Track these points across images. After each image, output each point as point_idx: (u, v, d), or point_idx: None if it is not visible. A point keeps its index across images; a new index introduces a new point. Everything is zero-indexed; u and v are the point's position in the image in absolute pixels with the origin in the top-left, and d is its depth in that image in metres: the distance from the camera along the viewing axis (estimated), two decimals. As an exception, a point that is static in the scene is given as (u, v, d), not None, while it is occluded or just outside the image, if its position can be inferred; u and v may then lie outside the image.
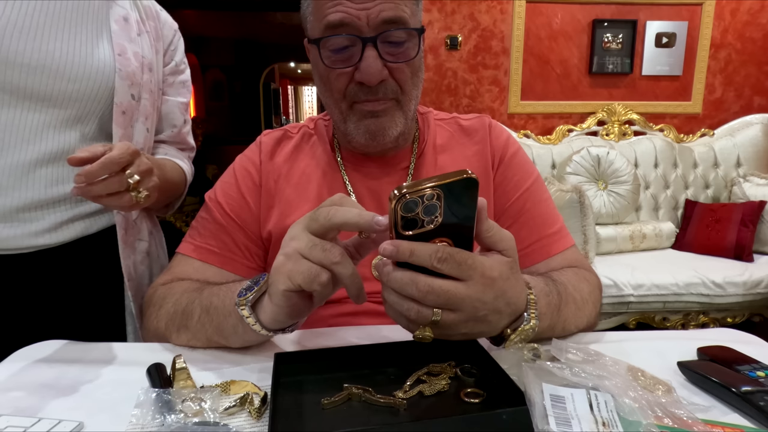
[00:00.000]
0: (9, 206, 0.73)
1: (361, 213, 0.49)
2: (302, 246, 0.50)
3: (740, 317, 2.26)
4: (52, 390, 0.52)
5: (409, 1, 0.69)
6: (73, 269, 0.80)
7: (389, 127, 0.72)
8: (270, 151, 0.82)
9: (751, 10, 2.87)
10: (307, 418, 0.44)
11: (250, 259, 0.78)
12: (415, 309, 0.47)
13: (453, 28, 2.84)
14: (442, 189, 0.44)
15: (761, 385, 0.48)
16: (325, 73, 0.71)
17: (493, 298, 0.49)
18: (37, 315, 0.77)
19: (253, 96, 7.18)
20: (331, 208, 0.50)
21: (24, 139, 0.73)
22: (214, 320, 0.59)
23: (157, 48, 0.87)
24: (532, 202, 0.78)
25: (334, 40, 0.67)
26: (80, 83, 0.74)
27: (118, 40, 0.79)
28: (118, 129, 0.78)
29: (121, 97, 0.78)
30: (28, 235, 0.74)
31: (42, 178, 0.75)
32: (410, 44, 0.69)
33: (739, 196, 2.58)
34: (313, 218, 0.50)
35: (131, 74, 0.79)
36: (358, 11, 0.65)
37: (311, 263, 0.49)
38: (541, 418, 0.42)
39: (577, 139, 2.85)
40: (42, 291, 0.78)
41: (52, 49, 0.72)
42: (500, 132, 0.84)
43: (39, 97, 0.72)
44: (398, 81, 0.70)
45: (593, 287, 0.70)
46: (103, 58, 0.76)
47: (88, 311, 0.81)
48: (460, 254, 0.46)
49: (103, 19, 0.78)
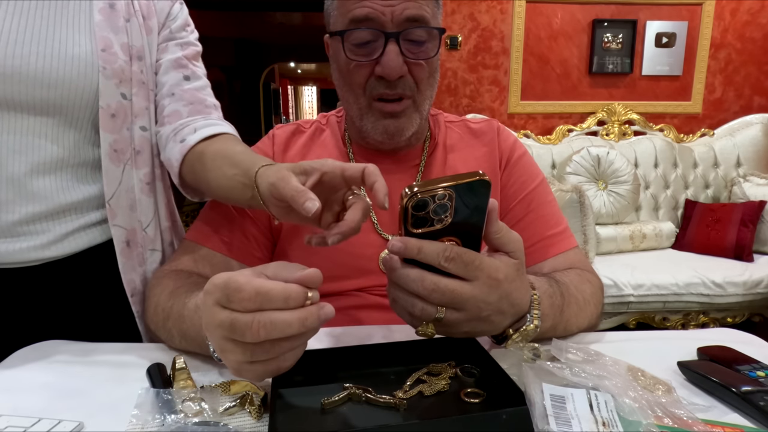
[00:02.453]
0: (11, 220, 0.69)
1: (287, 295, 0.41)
2: (241, 358, 0.43)
3: (740, 317, 2.26)
4: (52, 390, 0.52)
5: (431, 2, 0.72)
6: (82, 280, 0.77)
7: (406, 127, 0.75)
8: (283, 144, 0.83)
9: (751, 10, 2.87)
10: (307, 418, 0.44)
11: (258, 249, 0.78)
12: (419, 306, 0.48)
13: (453, 28, 2.84)
14: (454, 189, 0.44)
15: (761, 385, 0.48)
16: (345, 66, 0.73)
17: (497, 299, 0.49)
18: (47, 326, 0.73)
19: (253, 96, 7.18)
20: (256, 313, 0.40)
21: (15, 150, 0.68)
22: (194, 343, 0.58)
23: (149, 27, 0.78)
24: (537, 202, 0.80)
25: (358, 33, 0.70)
26: (61, 89, 0.69)
27: (102, 33, 0.72)
28: (108, 135, 0.73)
29: (109, 98, 0.72)
30: (34, 248, 0.71)
31: (42, 189, 0.71)
32: (430, 44, 0.72)
33: (739, 196, 2.58)
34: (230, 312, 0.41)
35: (118, 71, 0.72)
36: (383, 7, 0.68)
37: (263, 368, 0.43)
38: (541, 418, 0.42)
39: (577, 139, 2.85)
40: (52, 303, 0.75)
41: (28, 54, 0.66)
42: (508, 135, 0.86)
43: (22, 107, 0.68)
44: (416, 78, 0.72)
45: (595, 288, 0.71)
46: (83, 58, 0.70)
47: (100, 322, 0.78)
48: (467, 254, 0.47)
49: (85, 10, 0.72)
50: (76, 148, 0.73)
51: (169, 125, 0.77)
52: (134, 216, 0.78)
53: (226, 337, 0.42)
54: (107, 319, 0.79)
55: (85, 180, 0.75)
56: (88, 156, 0.75)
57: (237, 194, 0.65)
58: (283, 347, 0.42)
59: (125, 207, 0.76)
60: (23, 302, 0.73)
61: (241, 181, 0.63)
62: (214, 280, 0.43)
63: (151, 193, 0.80)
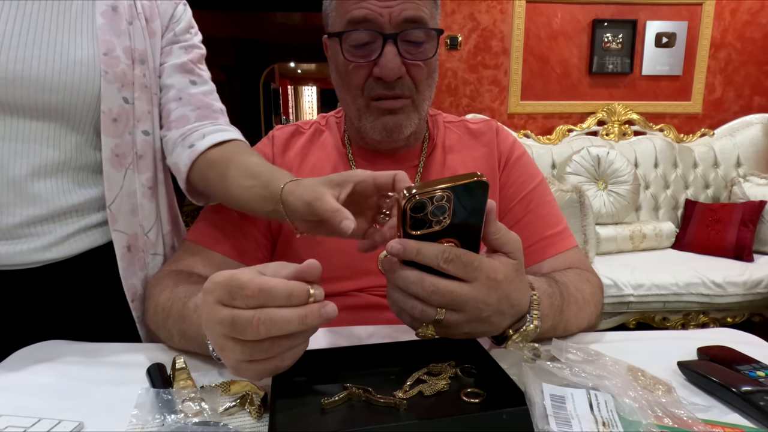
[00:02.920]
0: (12, 223, 0.69)
1: (290, 292, 0.41)
2: (240, 357, 0.43)
3: (740, 317, 2.26)
4: (52, 390, 0.52)
5: (429, 3, 0.72)
6: (83, 282, 0.77)
7: (405, 125, 0.74)
8: (282, 145, 0.83)
9: (751, 10, 2.87)
10: (307, 418, 0.44)
11: (258, 250, 0.78)
12: (419, 308, 0.48)
13: (453, 28, 2.84)
14: (452, 191, 0.44)
15: (761, 385, 0.48)
16: (344, 67, 0.73)
17: (497, 300, 0.49)
18: (48, 328, 0.73)
19: (253, 96, 7.18)
20: (257, 310, 0.41)
21: (17, 153, 0.68)
22: (194, 342, 0.58)
23: (152, 29, 0.78)
24: (536, 202, 0.80)
25: (356, 35, 0.70)
26: (63, 93, 0.69)
27: (105, 36, 0.71)
28: (109, 139, 0.72)
29: (111, 103, 0.72)
30: (35, 250, 0.71)
31: (43, 192, 0.70)
32: (428, 45, 0.72)
33: (739, 196, 2.58)
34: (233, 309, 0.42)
35: (121, 75, 0.72)
36: (381, 9, 0.68)
37: (261, 367, 0.44)
38: (541, 418, 0.42)
39: (577, 139, 2.85)
40: (52, 305, 0.75)
41: (30, 57, 0.66)
42: (507, 136, 0.86)
43: (24, 111, 0.68)
44: (414, 79, 0.72)
45: (595, 288, 0.71)
46: (85, 62, 0.70)
47: (100, 324, 0.78)
48: (466, 255, 0.47)
49: (88, 13, 0.72)
50: (78, 151, 0.73)
51: (177, 130, 0.77)
52: (136, 221, 0.77)
53: (226, 335, 0.42)
54: (107, 321, 0.78)
55: (86, 183, 0.75)
56: (90, 159, 0.74)
57: (255, 205, 0.65)
58: (282, 346, 0.42)
59: (127, 212, 0.76)
60: (23, 304, 0.73)
61: (259, 194, 0.63)
62: (215, 278, 0.43)
63: (153, 197, 0.80)
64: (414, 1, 0.69)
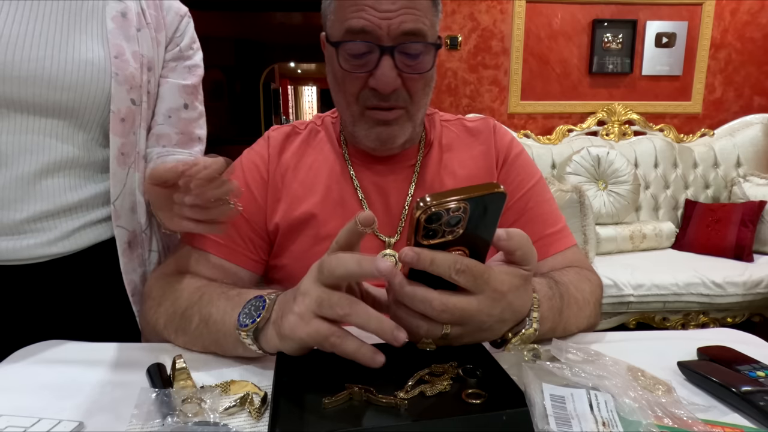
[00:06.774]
0: (19, 218, 0.71)
1: (360, 262, 0.46)
2: (312, 304, 0.48)
3: (740, 317, 2.26)
4: (52, 390, 0.52)
5: (430, 14, 0.70)
6: (86, 277, 0.78)
7: (398, 135, 0.74)
8: (278, 146, 0.82)
9: (751, 10, 2.87)
10: (307, 417, 0.44)
11: (254, 251, 0.78)
12: (425, 327, 0.48)
13: (453, 28, 2.84)
14: (469, 202, 0.43)
15: (761, 385, 0.48)
16: (340, 74, 0.72)
17: (500, 311, 0.49)
18: (50, 324, 0.74)
19: (253, 96, 7.18)
20: (333, 258, 0.47)
21: (26, 150, 0.70)
22: (212, 333, 0.59)
23: (159, 39, 0.81)
24: (535, 201, 0.79)
25: (353, 45, 0.68)
26: (74, 92, 0.71)
27: (115, 41, 0.74)
28: (117, 138, 0.75)
29: (119, 103, 0.74)
30: (40, 244, 0.73)
31: (50, 188, 0.72)
32: (426, 57, 0.70)
33: (739, 196, 2.58)
34: (320, 270, 0.48)
35: (130, 77, 0.75)
36: (380, 20, 0.66)
37: (322, 322, 0.47)
38: (542, 418, 0.42)
39: (577, 139, 2.85)
40: (56, 300, 0.76)
41: (43, 57, 0.69)
42: (504, 134, 0.85)
43: (35, 109, 0.70)
44: (410, 91, 0.71)
45: (594, 287, 0.71)
46: (97, 63, 0.72)
47: (101, 320, 0.79)
48: (477, 267, 0.46)
49: (99, 17, 0.75)
50: (85, 149, 0.75)
51: (158, 147, 0.82)
52: (135, 217, 0.79)
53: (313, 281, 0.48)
54: (108, 317, 0.80)
55: (92, 179, 0.77)
56: (97, 157, 0.76)
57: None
58: (343, 305, 0.46)
59: (127, 208, 0.78)
60: (27, 299, 0.74)
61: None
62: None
63: None
64: (414, 12, 0.67)
